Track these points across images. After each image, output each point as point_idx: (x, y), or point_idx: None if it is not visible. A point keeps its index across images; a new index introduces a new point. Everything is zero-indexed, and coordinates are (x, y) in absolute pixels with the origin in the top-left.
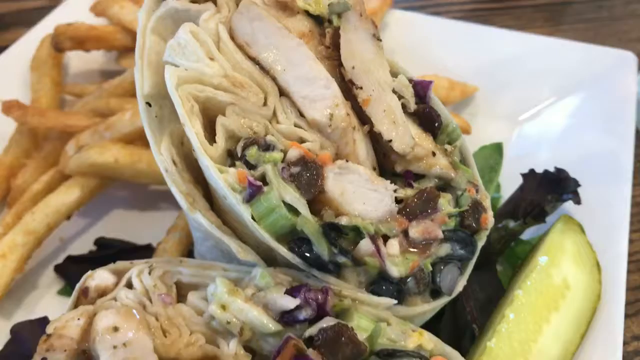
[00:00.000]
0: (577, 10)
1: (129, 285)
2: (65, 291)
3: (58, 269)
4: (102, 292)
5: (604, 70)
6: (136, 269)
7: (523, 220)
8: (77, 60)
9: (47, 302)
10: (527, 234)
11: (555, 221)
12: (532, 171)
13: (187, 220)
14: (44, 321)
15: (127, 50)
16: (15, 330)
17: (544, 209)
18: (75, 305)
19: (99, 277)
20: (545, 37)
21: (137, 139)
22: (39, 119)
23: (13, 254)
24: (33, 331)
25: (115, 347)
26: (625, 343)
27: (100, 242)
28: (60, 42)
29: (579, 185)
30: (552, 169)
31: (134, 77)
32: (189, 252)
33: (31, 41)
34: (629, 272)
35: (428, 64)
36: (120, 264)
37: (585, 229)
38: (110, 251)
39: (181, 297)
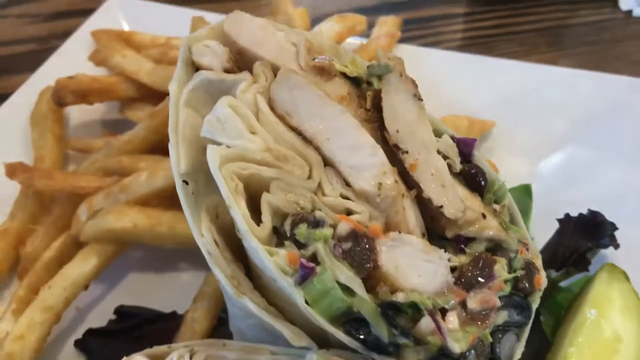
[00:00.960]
0: (579, 33)
1: None
2: None
3: (78, 344)
4: None
5: (620, 99)
6: (176, 354)
7: (566, 269)
8: (77, 112)
9: None
10: (566, 280)
11: (598, 270)
12: (567, 215)
13: (225, 296)
14: None
15: (131, 100)
16: None
17: (584, 256)
18: None
19: None
20: (557, 67)
21: (153, 199)
22: (47, 182)
23: (32, 334)
24: None
25: None
26: None
27: (121, 311)
28: (62, 97)
29: (616, 229)
30: (580, 207)
31: (143, 134)
32: (219, 319)
33: (28, 93)
34: None
35: (443, 99)
36: (157, 349)
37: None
38: (132, 321)
39: None
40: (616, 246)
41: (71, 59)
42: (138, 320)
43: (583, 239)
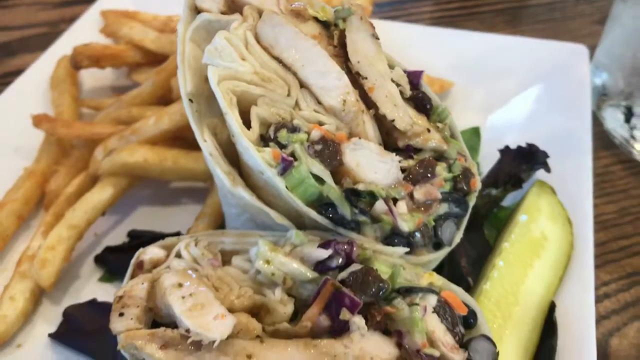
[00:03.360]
0: (533, 13)
1: (178, 256)
2: (106, 278)
3: (98, 259)
4: (156, 264)
5: (561, 62)
6: (183, 243)
7: (504, 187)
8: (89, 78)
9: (90, 289)
10: (507, 202)
11: (530, 186)
12: (507, 147)
13: (222, 199)
14: (92, 303)
15: (138, 65)
16: (68, 312)
17: (520, 177)
18: (132, 276)
19: (151, 252)
20: (509, 36)
21: (160, 141)
22: (68, 130)
23: (61, 245)
24: (83, 312)
25: (183, 297)
26: (595, 289)
27: (133, 234)
28: (79, 61)
29: (548, 157)
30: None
31: (150, 89)
32: None
33: (45, 63)
34: (594, 231)
35: (408, 65)
36: (168, 240)
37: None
38: (142, 240)
39: (225, 263)
40: (548, 170)
41: (82, 35)
42: (147, 239)
43: (520, 164)
